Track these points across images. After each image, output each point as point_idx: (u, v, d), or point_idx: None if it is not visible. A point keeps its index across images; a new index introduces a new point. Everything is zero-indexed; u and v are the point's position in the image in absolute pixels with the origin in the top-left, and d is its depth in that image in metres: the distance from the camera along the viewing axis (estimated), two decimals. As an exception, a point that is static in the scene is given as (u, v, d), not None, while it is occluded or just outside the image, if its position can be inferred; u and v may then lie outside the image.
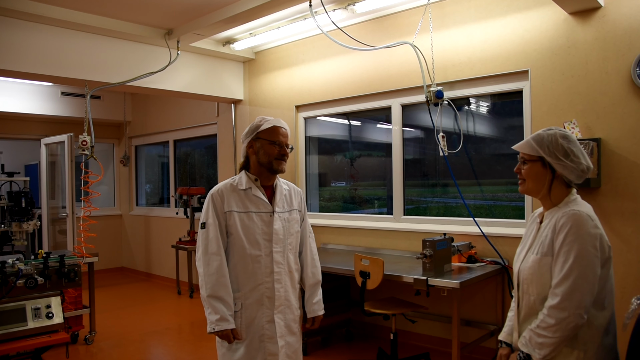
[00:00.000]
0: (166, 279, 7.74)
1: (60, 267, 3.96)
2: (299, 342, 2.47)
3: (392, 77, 4.70)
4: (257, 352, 2.31)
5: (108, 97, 8.09)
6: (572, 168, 1.85)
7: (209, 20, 4.59)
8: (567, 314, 1.72)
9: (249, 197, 2.38)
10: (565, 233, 1.78)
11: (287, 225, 2.44)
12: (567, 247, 1.77)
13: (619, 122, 3.43)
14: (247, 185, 2.39)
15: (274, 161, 2.37)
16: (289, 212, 2.48)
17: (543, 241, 1.87)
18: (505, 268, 3.92)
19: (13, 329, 3.57)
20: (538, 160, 1.90)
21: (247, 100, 6.19)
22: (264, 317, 2.33)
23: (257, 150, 2.38)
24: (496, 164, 4.42)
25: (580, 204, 1.87)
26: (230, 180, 2.45)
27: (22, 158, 9.60)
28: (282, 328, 2.36)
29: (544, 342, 1.78)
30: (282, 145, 2.38)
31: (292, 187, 2.58)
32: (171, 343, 4.91)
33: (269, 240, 2.36)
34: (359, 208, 5.40)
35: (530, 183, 1.94)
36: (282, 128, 2.40)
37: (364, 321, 4.91)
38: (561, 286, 1.75)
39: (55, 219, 7.25)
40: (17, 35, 4.37)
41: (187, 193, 6.64)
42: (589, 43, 3.55)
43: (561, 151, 1.85)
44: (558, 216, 1.84)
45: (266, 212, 2.38)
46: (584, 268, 1.74)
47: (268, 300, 2.33)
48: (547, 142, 1.87)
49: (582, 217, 1.79)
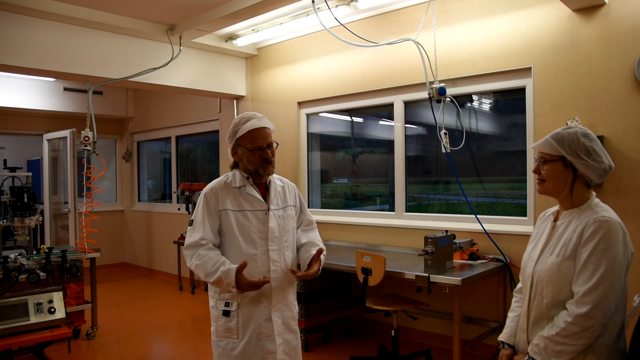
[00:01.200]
0: (168, 274, 7.76)
1: (63, 263, 3.96)
2: (297, 340, 2.44)
3: (394, 73, 4.69)
4: (255, 351, 2.28)
5: (110, 92, 8.09)
6: (594, 167, 1.80)
7: (211, 16, 4.58)
8: (594, 322, 1.68)
9: (243, 195, 2.34)
10: (597, 241, 1.72)
11: (283, 222, 2.40)
12: (599, 256, 1.71)
13: (622, 120, 3.42)
14: (241, 183, 2.36)
15: (259, 168, 2.32)
16: (284, 208, 2.44)
17: (566, 244, 1.80)
18: (507, 265, 3.92)
19: (15, 324, 3.58)
20: (559, 159, 1.83)
21: (250, 97, 6.18)
22: (261, 316, 2.30)
23: (241, 157, 2.35)
24: (498, 161, 4.42)
25: (607, 209, 1.81)
26: (223, 177, 2.41)
27: (25, 153, 9.62)
28: (280, 326, 2.34)
29: (563, 349, 1.73)
30: (263, 149, 2.30)
31: (285, 183, 2.53)
32: (173, 338, 4.93)
33: (264, 238, 2.33)
34: (361, 205, 5.40)
35: (551, 184, 1.87)
36: (260, 129, 2.30)
37: (365, 318, 4.92)
38: (591, 295, 1.69)
39: (58, 215, 7.26)
40: (19, 30, 4.37)
41: (189, 189, 6.65)
42: (593, 40, 3.53)
43: (583, 150, 1.79)
44: (587, 221, 1.77)
45: (261, 210, 2.35)
46: (614, 278, 1.70)
47: (265, 299, 2.31)
48: (568, 141, 1.80)
49: (614, 225, 1.74)
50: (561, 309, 1.78)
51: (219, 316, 2.33)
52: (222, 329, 2.31)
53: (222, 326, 2.31)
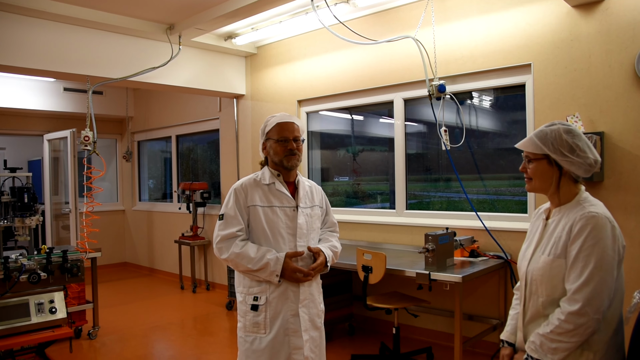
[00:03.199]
0: (169, 274, 7.76)
1: (63, 262, 3.96)
2: (322, 338, 2.49)
3: (394, 71, 4.68)
4: (282, 346, 2.32)
5: (110, 92, 8.09)
6: (580, 163, 1.79)
7: (210, 15, 4.57)
8: (586, 319, 1.68)
9: (272, 192, 2.42)
10: (585, 237, 1.72)
11: (310, 220, 2.48)
12: (587, 252, 1.71)
13: (622, 116, 3.41)
14: (271, 180, 2.43)
15: (284, 159, 2.41)
16: (311, 207, 2.52)
17: (556, 242, 1.80)
18: (508, 262, 3.92)
19: (17, 324, 3.58)
20: (543, 158, 1.83)
21: (249, 95, 6.18)
22: (289, 311, 2.35)
23: (269, 151, 2.45)
24: (499, 158, 4.41)
25: (594, 204, 1.81)
26: (253, 175, 2.50)
27: (25, 154, 9.63)
28: (307, 322, 2.38)
29: (559, 347, 1.73)
30: (288, 141, 2.39)
31: (312, 184, 2.62)
32: (174, 338, 4.93)
33: (292, 234, 2.40)
34: (362, 203, 5.40)
35: (537, 182, 1.87)
36: (288, 122, 2.42)
37: (366, 315, 4.92)
38: (581, 292, 1.69)
39: (58, 215, 7.27)
40: (19, 31, 4.37)
41: (190, 188, 6.65)
42: (592, 36, 3.53)
43: (566, 147, 1.78)
44: (574, 218, 1.77)
45: (290, 207, 2.42)
46: (604, 273, 1.69)
47: (293, 294, 2.36)
48: (551, 139, 1.80)
49: (601, 220, 1.73)
50: (557, 307, 1.78)
51: (247, 311, 2.37)
52: (250, 323, 2.36)
53: (250, 321, 2.36)
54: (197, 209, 6.80)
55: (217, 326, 5.28)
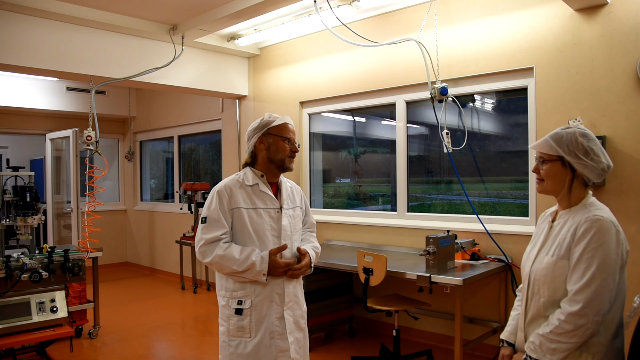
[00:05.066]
0: (170, 274, 7.77)
1: (65, 262, 3.98)
2: (305, 339, 2.48)
3: (396, 73, 4.69)
4: (268, 350, 2.30)
5: (113, 92, 8.11)
6: (593, 167, 1.81)
7: (213, 15, 4.59)
8: (586, 320, 1.69)
9: (255, 193, 2.38)
10: (589, 239, 1.73)
11: (293, 222, 2.46)
12: (590, 254, 1.72)
13: (624, 120, 3.41)
14: (254, 182, 2.39)
15: (286, 159, 2.40)
16: (293, 208, 2.50)
17: (560, 244, 1.82)
18: (509, 266, 3.92)
19: (18, 323, 3.59)
20: (557, 159, 1.85)
21: (252, 96, 6.19)
22: (274, 314, 2.32)
23: (269, 146, 2.39)
24: (500, 161, 4.41)
25: (600, 208, 1.82)
26: (235, 176, 2.43)
27: (28, 153, 9.64)
28: (292, 324, 2.37)
29: (558, 347, 1.74)
30: (292, 142, 2.41)
31: (293, 185, 2.60)
32: (174, 338, 4.93)
33: (277, 236, 2.37)
34: (363, 205, 5.40)
35: (550, 183, 1.88)
36: (291, 125, 2.44)
37: (366, 317, 4.92)
38: (582, 293, 1.71)
39: (60, 214, 7.28)
40: (22, 30, 4.39)
41: (192, 188, 6.66)
42: (595, 40, 3.53)
43: (581, 150, 1.80)
44: (579, 221, 1.78)
45: (274, 209, 2.39)
46: (606, 276, 1.71)
47: (278, 297, 2.34)
48: (567, 141, 1.82)
49: (606, 223, 1.75)
50: (557, 308, 1.79)
51: (230, 315, 2.34)
52: (234, 327, 2.32)
53: (234, 325, 2.32)
54: (198, 209, 6.80)
55: (218, 327, 5.27)
